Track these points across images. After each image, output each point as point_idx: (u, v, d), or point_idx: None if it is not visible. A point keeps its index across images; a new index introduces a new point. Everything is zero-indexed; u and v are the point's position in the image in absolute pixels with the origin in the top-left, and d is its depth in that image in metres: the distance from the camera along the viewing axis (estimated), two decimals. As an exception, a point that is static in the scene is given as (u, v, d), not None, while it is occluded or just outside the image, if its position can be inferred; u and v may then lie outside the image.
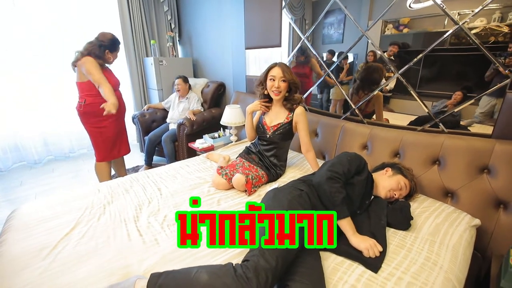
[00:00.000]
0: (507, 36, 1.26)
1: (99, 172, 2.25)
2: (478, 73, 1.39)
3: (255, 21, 2.45)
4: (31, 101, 3.13)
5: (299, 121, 1.61)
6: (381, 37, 1.71)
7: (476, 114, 1.44)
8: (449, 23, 1.43)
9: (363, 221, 1.13)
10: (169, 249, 1.04)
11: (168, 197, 1.42)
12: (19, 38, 2.92)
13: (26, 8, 2.88)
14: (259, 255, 0.78)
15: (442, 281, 0.87)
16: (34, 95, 3.13)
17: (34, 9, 2.93)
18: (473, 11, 1.31)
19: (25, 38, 2.95)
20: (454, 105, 1.50)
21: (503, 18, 1.26)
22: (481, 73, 1.37)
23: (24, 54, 2.97)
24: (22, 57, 2.97)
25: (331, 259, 0.99)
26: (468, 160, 1.30)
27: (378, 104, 1.79)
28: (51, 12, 3.02)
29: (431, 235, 1.09)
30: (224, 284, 0.72)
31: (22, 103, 3.08)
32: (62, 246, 1.06)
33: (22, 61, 2.99)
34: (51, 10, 3.02)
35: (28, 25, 2.93)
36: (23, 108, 3.09)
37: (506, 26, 1.25)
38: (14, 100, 3.03)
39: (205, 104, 3.18)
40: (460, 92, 1.48)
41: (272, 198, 1.05)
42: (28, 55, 2.99)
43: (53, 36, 3.08)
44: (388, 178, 1.29)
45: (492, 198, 1.23)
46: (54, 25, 3.07)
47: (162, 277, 0.79)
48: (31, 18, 2.93)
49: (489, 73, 1.33)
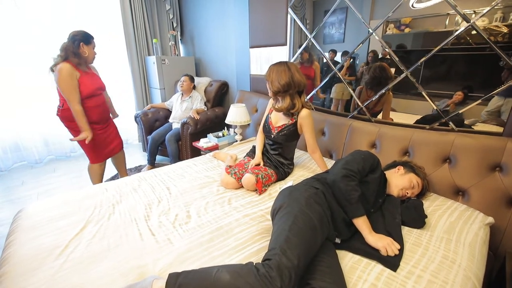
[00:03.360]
0: (505, 37, 1.26)
1: (91, 173, 2.24)
2: (479, 73, 1.39)
3: (260, 19, 2.44)
4: (31, 101, 3.09)
5: (304, 124, 1.58)
6: (382, 36, 1.71)
7: (482, 113, 1.44)
8: (450, 23, 1.43)
9: (378, 219, 1.12)
10: (183, 249, 1.02)
11: (177, 196, 1.40)
12: (21, 37, 2.88)
13: (28, 7, 2.85)
14: (281, 254, 0.77)
15: (462, 279, 0.86)
16: (34, 95, 3.09)
17: (36, 7, 2.90)
18: (474, 11, 1.32)
19: (27, 37, 2.91)
20: (455, 105, 1.50)
21: (505, 18, 1.26)
22: (483, 72, 1.38)
23: (24, 53, 2.94)
24: (23, 56, 2.94)
25: (348, 258, 0.98)
26: (480, 158, 1.30)
27: (387, 104, 1.78)
28: (52, 10, 2.99)
29: (446, 233, 1.08)
30: (247, 283, 0.71)
31: (22, 102, 3.04)
32: (74, 245, 1.04)
33: (23, 60, 2.95)
34: (53, 8, 2.99)
35: (30, 25, 2.90)
36: (23, 108, 3.06)
37: (505, 27, 1.26)
38: (15, 99, 3.00)
39: (208, 103, 3.16)
40: (461, 92, 1.48)
41: (288, 196, 1.04)
42: (28, 53, 2.95)
43: (55, 35, 3.04)
44: (401, 176, 1.28)
45: (504, 196, 1.23)
46: (56, 24, 3.03)
47: (181, 277, 0.78)
48: (33, 17, 2.90)
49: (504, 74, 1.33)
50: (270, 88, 1.56)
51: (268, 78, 1.54)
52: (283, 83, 1.49)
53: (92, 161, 2.17)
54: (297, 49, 2.25)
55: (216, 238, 1.08)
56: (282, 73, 1.49)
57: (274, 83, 1.51)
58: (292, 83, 1.50)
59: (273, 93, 1.57)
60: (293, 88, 1.52)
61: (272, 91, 1.55)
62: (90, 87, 1.95)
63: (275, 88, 1.52)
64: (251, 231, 1.12)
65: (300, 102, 1.57)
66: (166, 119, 3.16)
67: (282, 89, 1.50)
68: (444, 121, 1.52)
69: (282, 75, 1.49)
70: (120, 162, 2.45)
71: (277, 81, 1.50)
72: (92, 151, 2.12)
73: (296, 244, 0.81)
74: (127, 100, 3.65)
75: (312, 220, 0.91)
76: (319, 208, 0.99)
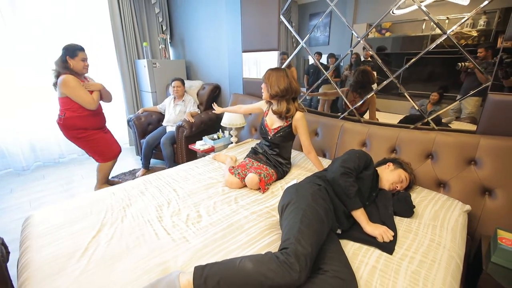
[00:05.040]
0: (475, 40, 1.45)
1: (103, 170, 2.37)
2: (453, 74, 1.55)
3: (252, 25, 2.53)
4: (17, 106, 3.00)
5: (298, 125, 1.68)
6: (365, 40, 1.85)
7: (449, 111, 1.62)
8: (426, 28, 1.60)
9: (372, 211, 1.25)
10: (199, 245, 1.10)
11: (185, 197, 1.47)
12: (4, 43, 2.80)
13: (15, 15, 2.77)
14: (296, 243, 0.87)
15: (447, 258, 1.01)
16: (20, 100, 3.00)
17: (21, 14, 2.83)
18: (448, 18, 1.50)
19: (10, 43, 2.83)
20: (432, 104, 1.68)
21: (474, 24, 1.45)
22: (453, 74, 1.55)
23: (9, 59, 2.85)
24: (8, 61, 2.85)
25: (349, 246, 1.10)
26: (457, 154, 1.47)
27: (372, 104, 1.94)
28: (39, 16, 2.92)
29: (432, 220, 1.23)
30: (269, 270, 0.80)
31: (7, 108, 2.94)
32: (93, 247, 1.09)
33: (7, 65, 2.86)
34: (40, 13, 2.92)
35: (16, 32, 2.82)
36: (8, 113, 2.96)
37: (475, 31, 1.44)
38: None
39: (201, 106, 3.22)
40: (436, 93, 1.66)
41: (295, 192, 1.14)
42: (11, 57, 2.87)
43: (40, 39, 2.98)
44: (391, 172, 1.43)
45: (479, 186, 1.41)
46: (42, 29, 2.97)
47: (207, 269, 0.86)
48: (17, 24, 2.82)
49: (463, 76, 1.52)
50: (268, 90, 1.64)
51: (267, 80, 1.63)
52: (282, 88, 1.59)
53: (103, 160, 2.32)
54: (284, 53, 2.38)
55: (228, 235, 1.17)
56: (281, 78, 1.59)
57: (273, 87, 1.60)
58: (290, 89, 1.61)
59: (270, 96, 1.66)
60: (290, 94, 1.63)
61: (270, 93, 1.64)
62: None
63: (274, 92, 1.61)
64: (260, 227, 1.21)
65: (294, 107, 1.68)
66: (159, 123, 3.18)
67: (280, 93, 1.60)
68: (426, 120, 1.69)
69: (281, 81, 1.59)
70: None
71: (277, 85, 1.59)
72: (105, 148, 2.28)
73: (308, 234, 0.91)
74: (117, 104, 3.61)
75: (319, 213, 1.02)
76: (324, 202, 1.10)
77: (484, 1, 1.36)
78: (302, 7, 2.21)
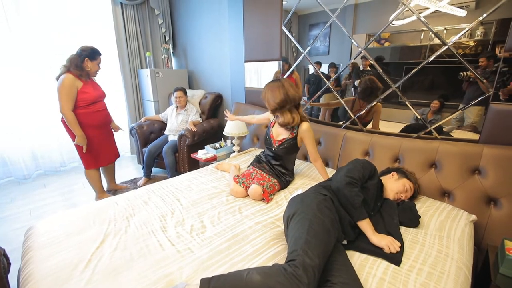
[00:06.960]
0: (472, 49, 1.48)
1: (89, 178, 2.40)
2: (451, 84, 1.58)
3: (254, 35, 2.57)
4: (18, 114, 3.02)
5: (305, 137, 1.67)
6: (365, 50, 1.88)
7: (452, 120, 1.64)
8: (425, 38, 1.63)
9: (378, 221, 1.24)
10: (204, 257, 1.09)
11: (189, 207, 1.46)
12: (8, 50, 2.84)
13: (19, 21, 2.82)
14: (303, 254, 0.86)
15: (455, 270, 1.00)
16: (22, 108, 3.02)
17: (26, 22, 2.88)
18: (445, 28, 1.54)
19: (14, 51, 2.87)
20: (433, 113, 1.69)
21: (472, 35, 1.48)
22: (453, 83, 1.57)
23: (12, 67, 2.89)
24: (10, 69, 2.88)
25: (356, 257, 1.09)
26: (461, 163, 1.47)
27: (377, 114, 1.95)
28: (44, 24, 2.98)
29: (438, 230, 1.23)
30: (277, 282, 0.79)
31: (8, 116, 2.96)
32: (97, 258, 1.08)
33: (10, 74, 2.90)
34: (44, 22, 2.98)
35: (19, 39, 2.87)
36: (9, 122, 2.97)
37: (473, 41, 1.48)
38: (0, 113, 2.91)
39: (203, 115, 3.23)
40: (437, 101, 1.68)
41: (300, 202, 1.14)
42: (16, 67, 2.91)
43: (44, 48, 3.02)
44: (395, 181, 1.43)
45: (483, 196, 1.41)
46: (47, 38, 3.02)
47: (214, 281, 0.85)
48: (22, 31, 2.87)
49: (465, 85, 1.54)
50: (267, 106, 1.66)
51: (264, 97, 1.63)
52: (278, 101, 1.57)
53: (86, 165, 2.34)
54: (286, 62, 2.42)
55: (233, 245, 1.16)
56: (276, 90, 1.57)
57: (270, 102, 1.60)
58: (288, 99, 1.57)
59: (271, 111, 1.68)
60: (289, 103, 1.60)
61: (269, 109, 1.65)
62: (93, 94, 2.19)
63: (271, 107, 1.61)
64: (265, 237, 1.20)
65: (299, 116, 1.66)
66: (161, 131, 3.19)
67: (278, 106, 1.59)
68: (429, 130, 1.70)
69: (276, 93, 1.57)
70: (110, 172, 2.63)
71: (273, 100, 1.58)
72: (87, 154, 2.27)
73: (315, 245, 0.90)
74: (119, 112, 3.64)
75: (326, 224, 1.01)
76: (329, 212, 1.09)
77: (483, 14, 1.39)
78: (302, 18, 2.26)
